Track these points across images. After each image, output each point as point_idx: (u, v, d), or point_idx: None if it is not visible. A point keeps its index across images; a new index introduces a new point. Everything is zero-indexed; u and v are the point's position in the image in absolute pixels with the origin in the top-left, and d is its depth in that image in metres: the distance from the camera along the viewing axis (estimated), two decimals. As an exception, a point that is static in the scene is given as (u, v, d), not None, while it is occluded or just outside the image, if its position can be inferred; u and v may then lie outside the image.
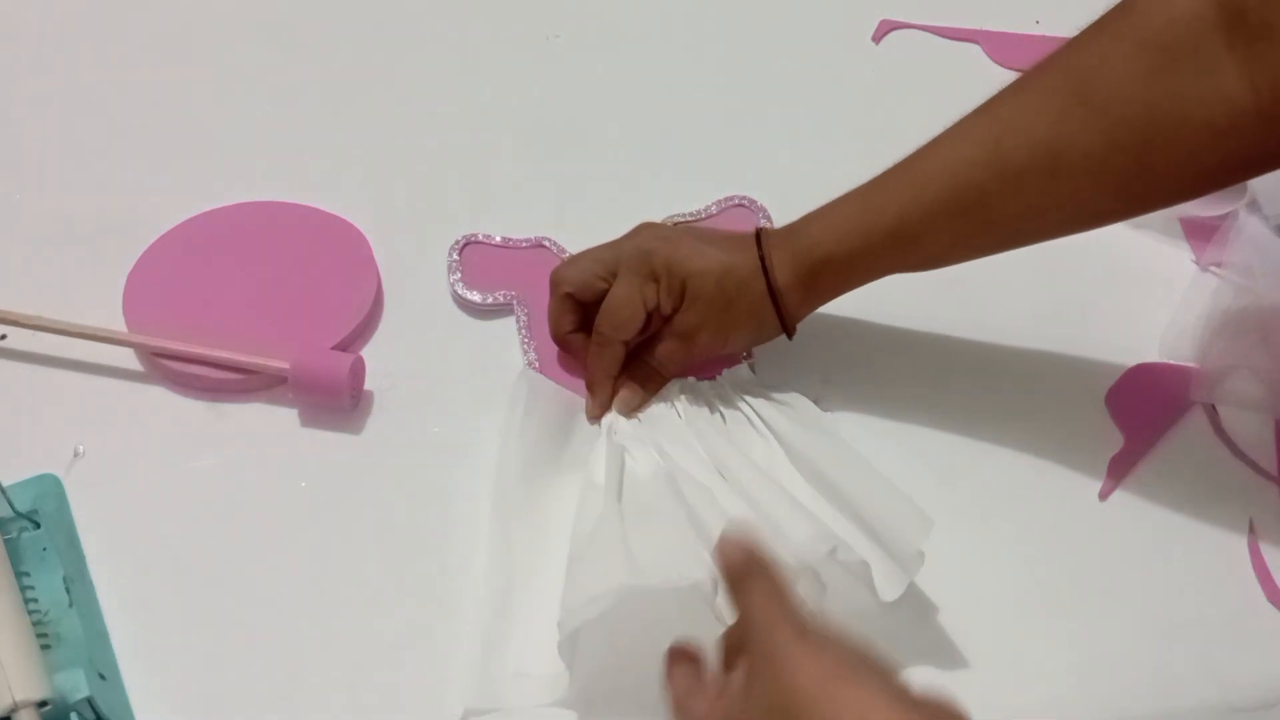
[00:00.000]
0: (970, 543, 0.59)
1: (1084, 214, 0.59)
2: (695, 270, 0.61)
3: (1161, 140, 0.53)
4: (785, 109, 0.83)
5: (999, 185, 0.57)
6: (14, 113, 0.81)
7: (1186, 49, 0.52)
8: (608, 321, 0.62)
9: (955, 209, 0.58)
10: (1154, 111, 0.53)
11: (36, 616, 0.54)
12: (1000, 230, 0.59)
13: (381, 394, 0.66)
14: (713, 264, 0.61)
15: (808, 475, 0.61)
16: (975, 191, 0.57)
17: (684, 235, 0.63)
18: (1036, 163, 0.56)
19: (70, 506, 0.61)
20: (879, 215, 0.59)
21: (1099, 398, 0.67)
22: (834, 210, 0.61)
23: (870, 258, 0.61)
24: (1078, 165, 0.55)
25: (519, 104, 0.83)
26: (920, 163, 0.59)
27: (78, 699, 0.51)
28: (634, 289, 0.61)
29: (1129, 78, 0.54)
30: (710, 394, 0.65)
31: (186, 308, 0.69)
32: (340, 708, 0.56)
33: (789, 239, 0.62)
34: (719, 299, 0.61)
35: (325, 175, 0.77)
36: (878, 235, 0.59)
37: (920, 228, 0.59)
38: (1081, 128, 0.55)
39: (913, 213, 0.58)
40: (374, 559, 0.60)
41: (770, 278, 0.61)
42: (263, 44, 0.86)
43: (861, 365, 0.67)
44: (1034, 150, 0.56)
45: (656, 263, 0.61)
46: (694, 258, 0.61)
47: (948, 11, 0.88)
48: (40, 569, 0.56)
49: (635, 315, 0.62)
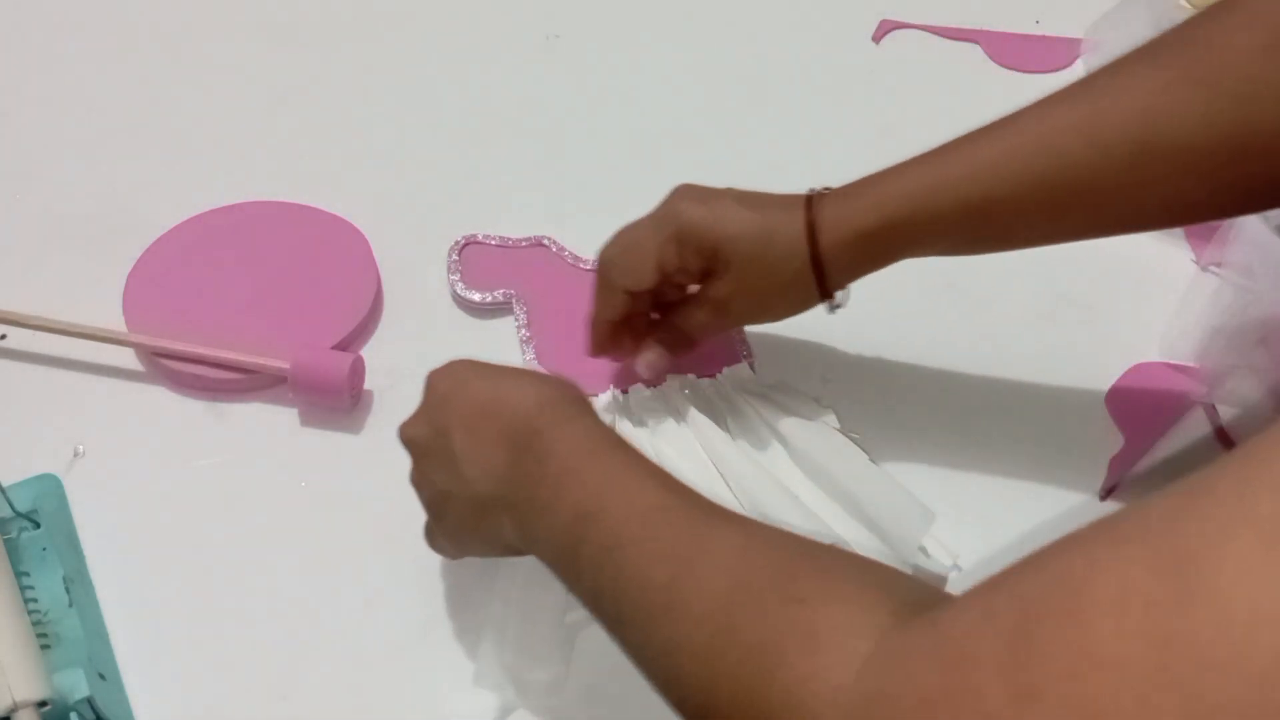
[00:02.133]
0: (970, 543, 0.59)
1: (1172, 203, 0.54)
2: (728, 234, 0.57)
3: (1264, 123, 0.50)
4: (785, 109, 0.83)
5: (1086, 156, 0.52)
6: (14, 113, 0.81)
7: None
8: (617, 267, 0.59)
9: (1036, 178, 0.53)
10: (1262, 89, 0.49)
11: (36, 616, 0.54)
12: (1083, 212, 0.55)
13: (381, 394, 0.66)
14: (749, 227, 0.57)
15: (809, 472, 0.61)
16: (1060, 162, 0.53)
17: (721, 196, 0.58)
18: (1130, 133, 0.52)
19: (70, 506, 0.61)
20: (950, 181, 0.55)
21: (1099, 398, 0.67)
22: (899, 173, 0.56)
23: (933, 227, 0.56)
24: (1172, 144, 0.51)
25: (519, 104, 0.83)
26: (1001, 129, 0.55)
27: (77, 699, 0.51)
28: (649, 241, 0.58)
29: (1240, 50, 0.50)
30: (711, 393, 0.65)
31: (186, 308, 0.69)
32: (340, 708, 0.56)
33: (845, 199, 0.57)
34: (755, 266, 0.57)
35: (325, 175, 0.77)
36: (947, 202, 0.55)
37: (996, 197, 0.54)
38: (1182, 98, 0.51)
39: (989, 178, 0.54)
40: (374, 559, 0.60)
41: (815, 241, 0.56)
42: (263, 44, 0.86)
43: (861, 365, 0.67)
44: (1128, 118, 0.52)
45: (684, 223, 0.57)
46: (727, 220, 0.57)
47: (948, 11, 0.88)
48: (40, 569, 0.56)
49: (642, 266, 0.59)
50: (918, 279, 0.62)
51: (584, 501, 0.46)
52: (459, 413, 0.51)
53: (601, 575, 0.44)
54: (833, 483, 0.60)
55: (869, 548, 0.57)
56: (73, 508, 0.61)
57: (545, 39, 0.87)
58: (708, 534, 0.43)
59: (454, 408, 0.52)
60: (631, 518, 0.44)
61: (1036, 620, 0.29)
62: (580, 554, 0.45)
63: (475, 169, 0.79)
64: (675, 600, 0.40)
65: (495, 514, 0.50)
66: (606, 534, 0.44)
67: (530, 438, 0.49)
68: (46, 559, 0.57)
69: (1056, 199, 0.54)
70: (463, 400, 0.52)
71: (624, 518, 0.44)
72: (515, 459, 0.49)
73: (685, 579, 0.41)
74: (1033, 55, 0.85)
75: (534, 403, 0.50)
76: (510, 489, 0.49)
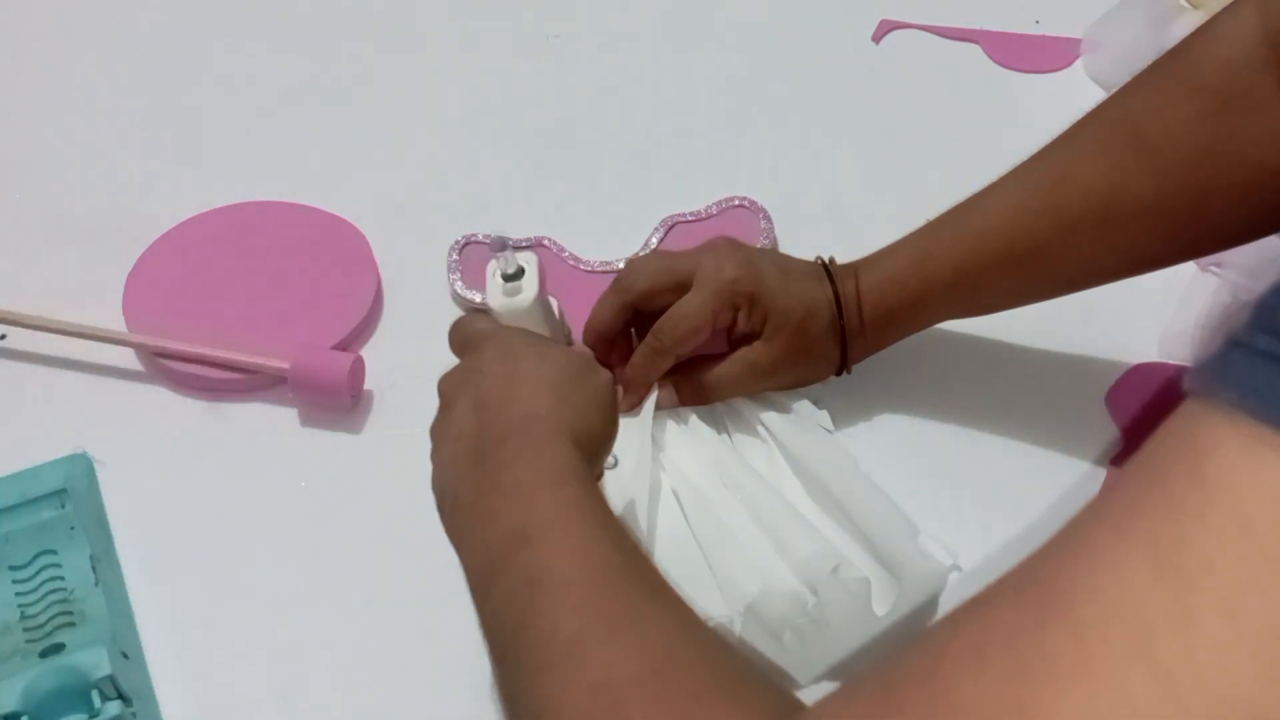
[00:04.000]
0: (970, 543, 0.59)
1: (1139, 260, 0.59)
2: (780, 307, 0.59)
3: (1216, 183, 0.53)
4: (785, 109, 0.82)
5: (1055, 235, 0.57)
6: (14, 113, 0.82)
7: (1239, 91, 0.52)
8: (671, 333, 0.60)
9: (1012, 261, 0.58)
10: (1208, 154, 0.53)
11: (63, 594, 0.55)
12: (1056, 279, 0.60)
13: (381, 394, 0.66)
14: (797, 302, 0.59)
15: (808, 484, 0.61)
16: (1031, 241, 0.57)
17: (766, 262, 0.60)
18: (1092, 211, 0.56)
19: (100, 486, 0.61)
20: (937, 268, 0.59)
21: (1099, 398, 0.67)
22: (890, 261, 0.61)
23: (929, 309, 0.61)
24: (1132, 212, 0.55)
25: (519, 104, 0.83)
26: (975, 214, 0.59)
27: (99, 677, 0.51)
28: (708, 309, 0.59)
29: (1182, 122, 0.54)
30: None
31: (186, 308, 0.69)
32: (340, 707, 0.56)
33: (850, 281, 0.61)
34: (800, 339, 0.60)
35: (325, 175, 0.77)
36: (937, 288, 0.60)
37: (978, 279, 0.59)
38: (1136, 174, 0.55)
39: (970, 266, 0.59)
40: (374, 559, 0.60)
41: (844, 321, 0.60)
42: (262, 44, 0.86)
43: (862, 365, 0.67)
44: (1089, 199, 0.56)
45: (739, 290, 0.59)
46: (780, 293, 0.59)
47: (948, 11, 0.88)
48: (68, 547, 0.57)
49: (701, 333, 0.60)
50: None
51: (525, 525, 0.43)
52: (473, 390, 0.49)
53: (511, 603, 0.42)
54: (824, 490, 0.60)
55: (859, 556, 0.57)
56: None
57: (545, 39, 0.87)
58: (636, 604, 0.40)
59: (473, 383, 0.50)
60: (567, 559, 0.42)
61: (899, 684, 0.31)
62: (500, 572, 0.43)
63: (475, 169, 0.79)
64: (574, 659, 0.39)
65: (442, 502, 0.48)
66: (534, 564, 0.42)
67: (499, 443, 0.46)
68: (74, 538, 0.57)
69: (1031, 277, 0.59)
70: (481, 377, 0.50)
71: (559, 556, 0.42)
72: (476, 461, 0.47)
73: (594, 640, 0.39)
74: (1032, 55, 0.85)
75: (525, 410, 0.47)
76: (460, 486, 0.47)
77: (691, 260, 0.60)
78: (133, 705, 0.52)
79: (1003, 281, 0.59)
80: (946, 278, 0.59)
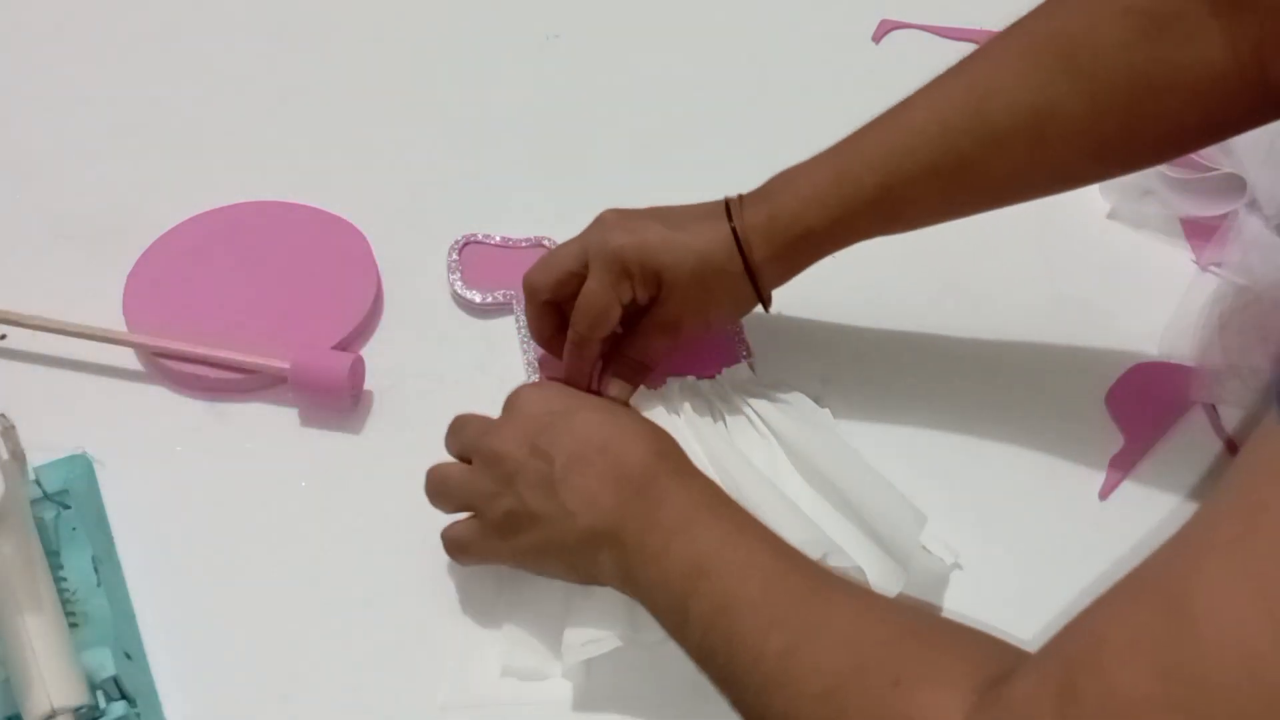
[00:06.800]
0: (970, 543, 0.59)
1: (1067, 177, 0.59)
2: (668, 263, 0.59)
3: (1146, 105, 0.54)
4: (785, 109, 0.82)
5: (983, 151, 0.56)
6: (14, 113, 0.81)
7: (1171, 15, 0.52)
8: (584, 321, 0.60)
9: (938, 177, 0.57)
10: (1140, 78, 0.53)
11: (65, 596, 0.55)
12: (983, 194, 0.59)
13: (382, 394, 0.66)
14: (685, 254, 0.59)
15: (807, 475, 0.61)
16: (958, 158, 0.56)
17: (651, 223, 0.60)
18: (1021, 129, 0.55)
19: (100, 487, 0.61)
20: (858, 186, 0.58)
21: (1099, 398, 0.66)
22: (808, 179, 0.59)
23: (851, 228, 0.59)
24: (1063, 132, 0.55)
25: (518, 104, 0.83)
26: (896, 130, 0.58)
27: (103, 678, 0.51)
28: (607, 286, 0.59)
29: (1114, 44, 0.54)
30: (710, 394, 0.65)
31: (186, 308, 0.69)
32: (340, 707, 0.56)
33: (761, 207, 0.60)
34: (696, 288, 0.60)
35: (325, 175, 0.77)
36: (859, 206, 0.58)
37: (903, 196, 0.58)
38: (1067, 94, 0.54)
39: (895, 182, 0.57)
40: (374, 559, 0.60)
41: (747, 256, 0.59)
42: (262, 43, 0.86)
43: (861, 365, 0.67)
44: (1018, 116, 0.55)
45: (628, 258, 0.59)
46: (664, 249, 0.59)
47: (948, 11, 0.88)
48: (70, 548, 0.57)
49: (610, 312, 0.60)
50: (918, 279, 0.62)
51: (697, 557, 0.48)
52: (568, 440, 0.52)
53: (713, 633, 0.46)
54: (829, 486, 0.60)
55: (865, 551, 0.57)
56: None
57: (545, 39, 0.87)
58: (821, 605, 0.45)
59: (561, 434, 0.53)
60: (747, 580, 0.46)
61: (1075, 674, 0.34)
62: (690, 609, 0.47)
63: (475, 169, 0.79)
64: (791, 673, 0.43)
65: (593, 547, 0.51)
66: (719, 593, 0.46)
67: (646, 482, 0.50)
68: (76, 539, 0.57)
69: (957, 192, 0.58)
70: (573, 428, 0.53)
71: (738, 579, 0.46)
72: (625, 499, 0.50)
73: (800, 652, 0.43)
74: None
75: (652, 449, 0.52)
76: (617, 528, 0.50)
77: (580, 241, 0.61)
78: (137, 706, 0.52)
79: (929, 198, 0.58)
80: (869, 195, 0.57)
